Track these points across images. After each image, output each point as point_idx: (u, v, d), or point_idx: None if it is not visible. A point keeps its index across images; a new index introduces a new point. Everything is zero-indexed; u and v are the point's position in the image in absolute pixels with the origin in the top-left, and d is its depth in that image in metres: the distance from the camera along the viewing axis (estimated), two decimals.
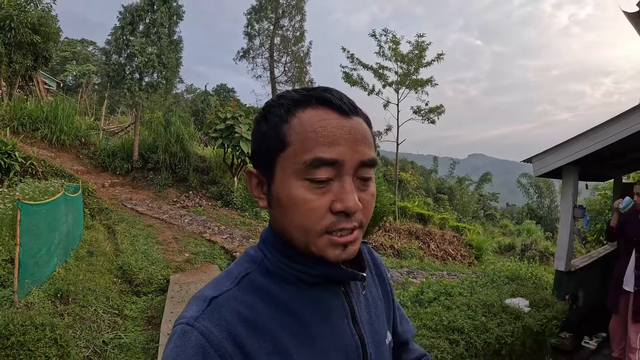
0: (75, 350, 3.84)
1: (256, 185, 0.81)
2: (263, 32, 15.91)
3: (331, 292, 0.81)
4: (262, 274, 0.77)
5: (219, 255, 9.17)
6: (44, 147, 13.62)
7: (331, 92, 0.76)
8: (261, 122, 0.78)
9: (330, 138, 0.71)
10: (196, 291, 2.69)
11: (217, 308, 0.70)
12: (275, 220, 0.79)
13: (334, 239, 0.72)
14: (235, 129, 13.09)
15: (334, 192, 0.71)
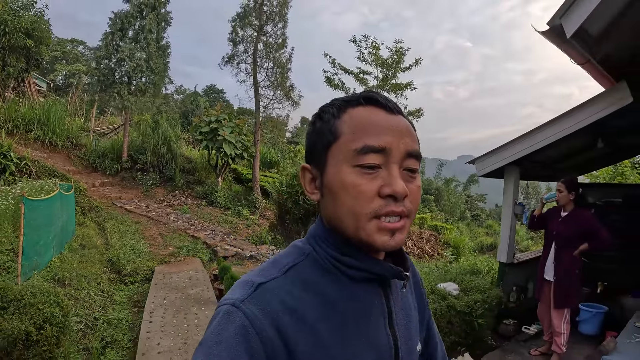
0: (73, 318, 4.72)
1: (310, 181, 0.85)
2: (247, 39, 16.77)
3: (373, 291, 0.84)
4: (309, 266, 0.80)
5: (201, 249, 10.07)
6: (37, 148, 14.34)
7: (377, 93, 0.83)
8: (316, 121, 0.85)
9: (378, 129, 0.77)
10: (178, 280, 3.99)
11: (263, 293, 0.72)
12: (327, 209, 0.82)
13: (383, 224, 0.75)
14: (219, 132, 13.98)
15: (383, 177, 0.76)
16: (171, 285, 7.18)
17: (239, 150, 14.71)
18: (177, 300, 6.40)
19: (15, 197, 7.12)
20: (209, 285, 7.20)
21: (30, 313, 3.41)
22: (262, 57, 16.67)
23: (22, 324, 3.23)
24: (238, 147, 14.63)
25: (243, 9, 16.94)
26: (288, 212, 7.63)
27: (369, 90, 0.95)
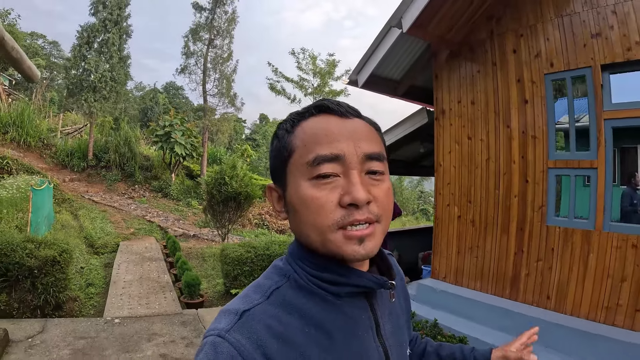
0: None
1: (277, 200, 0.85)
2: (197, 53, 19.88)
3: (358, 306, 0.83)
4: (292, 288, 0.79)
5: (155, 230, 13.21)
6: (13, 148, 16.96)
7: (329, 100, 0.82)
8: (274, 140, 0.84)
9: (329, 137, 0.75)
10: (137, 249, 8.22)
11: (248, 321, 0.71)
12: (294, 227, 0.81)
13: (349, 232, 0.73)
14: (171, 135, 17.10)
15: (342, 186, 0.74)
16: (132, 251, 10.32)
17: (188, 151, 17.81)
18: (136, 259, 9.56)
19: (19, 189, 10.14)
20: (159, 251, 10.38)
21: (53, 247, 6.50)
22: (210, 69, 19.86)
23: (50, 252, 6.31)
24: (188, 148, 17.73)
25: (195, 25, 20.11)
26: (213, 197, 10.89)
27: (322, 98, 0.85)
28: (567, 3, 4.56)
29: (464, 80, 5.64)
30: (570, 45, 4.57)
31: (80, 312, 6.49)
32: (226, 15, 20.12)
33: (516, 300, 4.98)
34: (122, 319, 5.80)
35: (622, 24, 4.18)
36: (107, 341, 5.01)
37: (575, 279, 4.52)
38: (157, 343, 5.06)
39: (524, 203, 4.94)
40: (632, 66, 4.16)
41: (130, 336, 5.21)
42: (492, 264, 5.23)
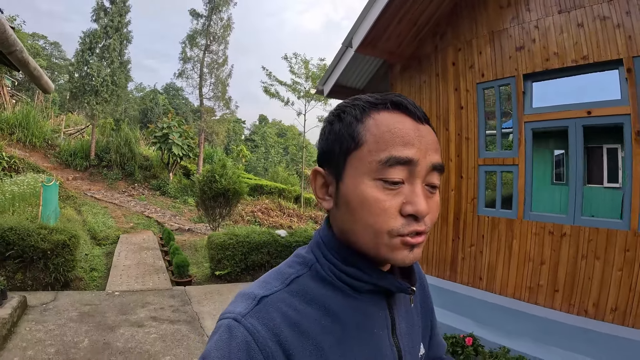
0: None
1: (321, 186, 0.82)
2: (194, 58, 21.07)
3: (376, 303, 0.83)
4: (312, 278, 0.79)
5: (153, 225, 14.35)
6: (20, 148, 18.16)
7: (405, 98, 0.79)
8: (334, 122, 0.80)
9: (404, 139, 0.73)
10: (136, 241, 9.64)
11: (265, 307, 0.71)
12: (341, 221, 0.79)
13: (407, 239, 0.73)
14: (169, 136, 18.26)
15: (405, 194, 0.73)
16: (131, 242, 11.46)
17: (185, 151, 18.99)
18: (134, 248, 10.70)
19: (28, 185, 11.29)
20: (155, 242, 11.52)
21: (63, 233, 7.62)
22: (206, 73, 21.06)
23: (61, 237, 7.44)
24: (185, 149, 18.91)
25: (192, 32, 21.32)
26: (205, 193, 12.07)
27: (396, 93, 0.80)
28: (497, 20, 5.44)
29: (413, 89, 6.66)
30: (499, 57, 5.43)
31: (85, 289, 7.60)
32: (221, 22, 21.35)
33: (455, 282, 5.79)
34: (121, 292, 6.94)
35: (542, 38, 4.98)
36: (108, 307, 6.15)
37: (502, 262, 5.28)
38: (149, 309, 6.20)
39: (459, 196, 5.83)
40: (550, 75, 4.96)
41: (127, 304, 6.35)
42: (435, 249, 6.14)
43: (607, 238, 4.35)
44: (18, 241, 6.89)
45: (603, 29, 4.42)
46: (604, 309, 4.31)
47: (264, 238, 8.66)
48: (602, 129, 7.91)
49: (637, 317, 4.04)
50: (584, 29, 4.56)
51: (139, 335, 5.19)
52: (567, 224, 4.66)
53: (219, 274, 8.18)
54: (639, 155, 4.10)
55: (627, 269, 4.16)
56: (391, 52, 6.44)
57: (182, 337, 5.26)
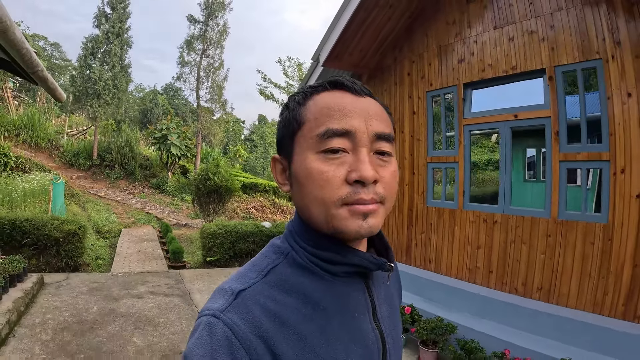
0: None
1: (281, 172, 0.85)
2: (191, 62, 22.24)
3: (355, 287, 0.83)
4: (289, 266, 0.80)
5: (152, 220, 15.49)
6: (26, 149, 19.30)
7: (343, 77, 0.81)
8: (283, 111, 0.84)
9: (342, 112, 0.75)
10: (137, 234, 11.07)
11: (243, 301, 0.72)
12: (296, 199, 0.81)
13: (354, 207, 0.73)
14: (168, 137, 19.42)
15: (349, 162, 0.74)
16: (132, 235, 12.60)
17: (183, 151, 20.14)
18: (135, 240, 11.84)
19: (38, 183, 12.45)
20: (155, 235, 12.65)
21: (73, 223, 8.76)
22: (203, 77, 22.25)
23: (72, 226, 8.58)
24: (183, 149, 20.04)
25: (190, 37, 22.53)
26: (199, 190, 13.24)
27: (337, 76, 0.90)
28: (444, 36, 6.36)
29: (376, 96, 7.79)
30: (444, 69, 6.34)
31: (92, 272, 8.75)
32: (218, 27, 22.52)
33: (409, 265, 6.68)
34: (124, 274, 8.09)
35: (479, 51, 5.82)
36: (113, 284, 7.28)
37: (447, 247, 6.09)
38: (148, 286, 7.33)
39: (412, 190, 6.79)
40: (485, 83, 5.83)
41: (129, 282, 7.48)
42: (393, 237, 7.06)
43: (532, 225, 5.15)
44: (33, 231, 8.01)
45: (530, 42, 5.22)
46: (531, 288, 5.07)
47: (250, 229, 9.80)
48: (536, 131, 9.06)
49: (560, 296, 4.80)
50: (514, 43, 5.40)
51: (139, 304, 6.32)
52: (498, 213, 5.53)
53: (209, 259, 9.32)
54: (557, 152, 4.93)
55: (549, 253, 4.95)
56: (355, 65, 7.47)
57: (174, 306, 6.39)
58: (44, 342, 4.74)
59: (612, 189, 4.46)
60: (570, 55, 4.84)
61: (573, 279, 4.80)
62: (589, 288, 4.67)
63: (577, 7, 4.81)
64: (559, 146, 4.92)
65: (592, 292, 4.65)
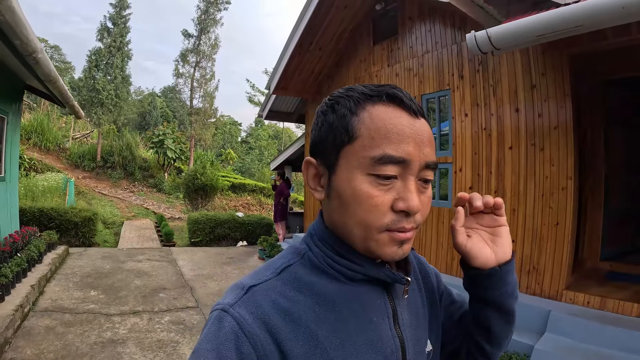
0: None
1: (313, 177, 0.83)
2: (185, 74, 25.24)
3: (374, 291, 0.83)
4: (304, 266, 0.80)
5: (150, 214, 18.37)
6: (36, 151, 22.02)
7: (401, 90, 0.78)
8: (327, 112, 0.80)
9: (400, 136, 0.73)
10: (137, 224, 14.96)
11: (253, 296, 0.73)
12: (332, 213, 0.80)
13: (395, 235, 0.74)
14: (164, 142, 22.36)
15: (398, 190, 0.74)
16: (133, 225, 15.45)
17: (178, 154, 23.10)
18: (136, 228, 14.69)
19: (53, 181, 15.36)
20: (152, 225, 15.50)
21: (89, 210, 11.63)
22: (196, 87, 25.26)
23: (86, 214, 11.43)
24: (177, 152, 23.00)
25: (184, 51, 25.58)
26: (189, 187, 16.20)
27: (392, 85, 0.80)
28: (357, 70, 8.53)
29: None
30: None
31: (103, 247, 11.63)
32: (210, 41, 25.52)
33: None
34: (127, 249, 10.96)
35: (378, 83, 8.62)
36: (120, 254, 10.13)
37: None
38: (145, 255, 10.17)
39: None
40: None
41: (131, 253, 10.33)
42: None
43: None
44: (57, 217, 10.85)
45: (408, 77, 7.29)
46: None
47: (226, 217, 12.71)
48: None
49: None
50: (399, 77, 7.55)
51: (139, 265, 9.14)
52: None
53: (194, 240, 12.22)
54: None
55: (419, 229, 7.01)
56: (299, 91, 10.20)
57: (163, 267, 9.21)
58: (74, 282, 7.52)
59: (454, 183, 6.45)
60: (432, 86, 6.87)
61: (432, 249, 6.82)
62: (442, 255, 6.62)
63: (438, 50, 6.71)
64: None
65: (444, 259, 6.59)
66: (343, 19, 8.63)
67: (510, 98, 5.72)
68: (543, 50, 5.30)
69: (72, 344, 4.83)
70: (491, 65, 5.96)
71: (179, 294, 7.10)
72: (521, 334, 4.75)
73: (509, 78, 5.73)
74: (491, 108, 5.96)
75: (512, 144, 5.68)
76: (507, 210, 5.47)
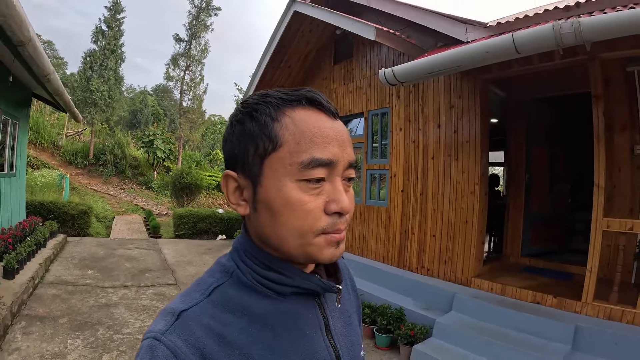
0: None
1: (234, 191, 0.81)
2: (176, 77, 26.78)
3: (304, 304, 0.83)
4: (234, 286, 0.78)
5: (139, 210, 19.84)
6: (31, 149, 23.24)
7: (318, 93, 0.78)
8: (245, 121, 0.78)
9: (325, 139, 0.74)
10: (127, 219, 16.94)
11: (185, 322, 0.71)
12: (261, 226, 0.78)
13: (331, 237, 0.75)
14: (154, 142, 23.85)
15: (327, 192, 0.75)
16: (123, 219, 16.92)
17: (167, 154, 24.59)
18: (126, 222, 16.14)
19: (49, 177, 16.82)
20: (140, 220, 16.94)
21: (85, 204, 13.10)
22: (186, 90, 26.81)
23: (82, 207, 12.88)
24: (166, 152, 24.49)
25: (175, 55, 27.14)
26: (175, 186, 17.72)
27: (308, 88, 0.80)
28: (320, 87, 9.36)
29: None
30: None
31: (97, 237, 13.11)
32: (200, 46, 27.10)
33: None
34: (118, 239, 12.45)
35: (336, 98, 8.72)
36: (112, 243, 11.60)
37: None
38: (134, 244, 11.65)
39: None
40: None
41: (122, 242, 11.79)
42: None
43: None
44: (56, 210, 12.28)
45: (359, 95, 8.21)
46: (352, 247, 8.10)
47: (208, 213, 14.22)
48: None
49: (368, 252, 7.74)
50: (352, 94, 8.50)
51: (128, 252, 10.61)
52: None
53: (178, 234, 13.72)
54: (365, 164, 8.00)
55: (361, 225, 7.97)
56: None
57: (150, 254, 10.67)
58: (73, 263, 8.95)
59: (390, 187, 7.40)
60: (376, 104, 7.81)
61: (373, 241, 7.78)
62: (381, 247, 7.54)
63: None
64: (367, 160, 8.04)
65: (382, 250, 7.51)
66: (308, 41, 9.84)
67: (434, 116, 6.70)
68: (462, 76, 6.20)
69: (75, 305, 6.29)
70: (421, 87, 6.96)
71: (162, 275, 8.57)
72: (430, 311, 5.69)
73: (434, 99, 6.72)
74: (419, 124, 6.96)
75: (434, 154, 6.67)
76: (429, 209, 6.72)
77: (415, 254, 6.91)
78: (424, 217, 6.82)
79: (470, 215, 6.08)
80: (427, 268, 6.68)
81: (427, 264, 6.69)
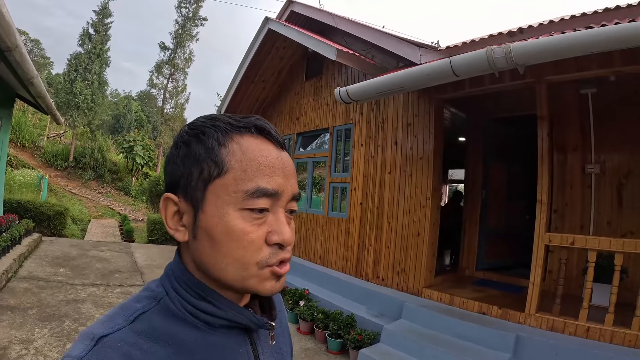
0: None
1: (173, 215, 0.78)
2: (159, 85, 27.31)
3: (235, 338, 0.80)
4: (160, 313, 0.74)
5: (116, 215, 20.19)
6: (12, 148, 23.39)
7: (267, 122, 0.78)
8: (191, 143, 0.76)
9: (271, 169, 0.73)
10: (102, 223, 17.73)
11: (103, 349, 0.67)
12: (200, 254, 0.76)
13: (274, 269, 0.74)
14: (134, 148, 24.26)
15: (270, 223, 0.74)
16: (99, 223, 17.28)
17: (146, 161, 24.98)
18: (102, 226, 16.52)
19: (28, 177, 17.17)
20: (116, 225, 17.33)
21: (61, 205, 13.48)
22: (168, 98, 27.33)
23: (59, 208, 13.26)
24: (146, 159, 24.89)
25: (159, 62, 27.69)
26: (151, 192, 18.17)
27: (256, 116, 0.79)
28: (292, 102, 9.72)
29: None
30: (289, 123, 9.90)
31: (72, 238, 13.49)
32: (184, 55, 27.70)
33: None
34: (92, 241, 12.84)
35: (304, 113, 9.28)
36: (86, 244, 11.98)
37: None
38: (107, 246, 12.06)
39: None
40: (306, 134, 9.31)
41: (96, 244, 12.20)
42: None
43: (316, 219, 8.59)
44: (32, 209, 12.62)
45: (326, 111, 8.61)
46: (314, 256, 8.51)
47: None
48: None
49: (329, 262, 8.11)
50: (320, 110, 8.89)
51: (101, 254, 11.02)
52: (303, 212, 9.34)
53: (151, 239, 14.16)
54: (329, 177, 8.35)
55: (323, 236, 8.37)
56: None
57: (121, 256, 11.09)
58: (46, 261, 9.32)
59: (350, 199, 7.76)
60: (341, 120, 8.24)
61: (334, 252, 8.09)
62: (340, 257, 7.89)
63: None
64: (330, 173, 8.41)
65: (341, 260, 7.85)
66: (282, 57, 10.24)
67: (392, 133, 7.04)
68: (418, 96, 6.56)
69: (44, 299, 6.72)
70: (382, 105, 7.31)
71: (131, 276, 9.02)
72: (381, 318, 5.98)
73: (393, 116, 7.07)
74: (379, 140, 7.30)
75: (391, 169, 7.00)
76: (385, 222, 7.02)
77: (371, 264, 7.22)
78: (380, 229, 7.14)
79: (423, 228, 6.37)
80: (381, 278, 6.98)
81: (382, 274, 6.99)
